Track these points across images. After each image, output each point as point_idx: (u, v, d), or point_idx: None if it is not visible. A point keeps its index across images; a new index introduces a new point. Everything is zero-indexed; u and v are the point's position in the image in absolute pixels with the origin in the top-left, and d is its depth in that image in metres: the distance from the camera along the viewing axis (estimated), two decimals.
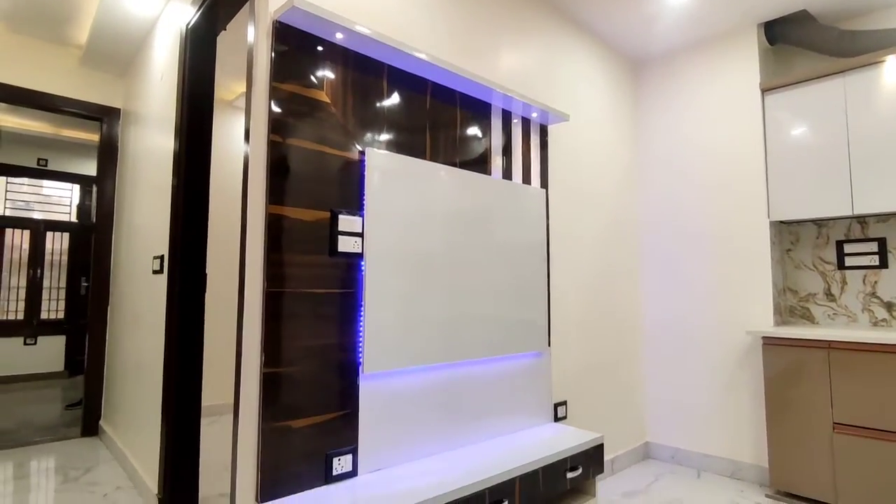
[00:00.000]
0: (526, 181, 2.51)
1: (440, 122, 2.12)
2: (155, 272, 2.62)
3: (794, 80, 2.80)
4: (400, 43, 1.83)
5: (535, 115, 2.51)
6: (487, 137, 2.32)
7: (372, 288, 1.77)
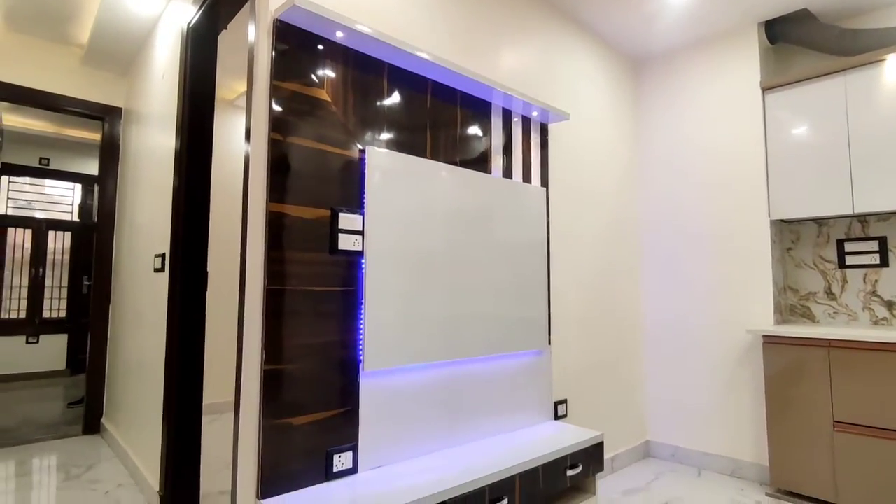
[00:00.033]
0: (526, 180, 2.51)
1: (441, 120, 2.13)
2: (156, 270, 2.63)
3: (794, 78, 2.80)
4: (400, 42, 1.84)
5: (535, 113, 2.52)
6: (488, 136, 2.33)
7: (372, 286, 1.78)
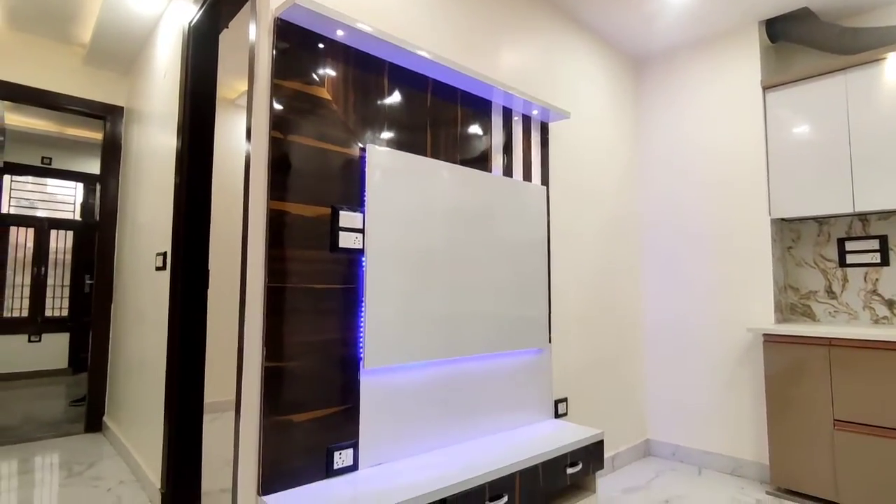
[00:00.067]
0: (527, 178, 2.52)
1: (441, 119, 2.13)
2: (158, 269, 2.63)
3: (795, 77, 2.80)
4: (401, 40, 1.84)
5: (535, 112, 2.52)
6: (488, 135, 2.33)
7: (373, 283, 1.78)
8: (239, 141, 4.19)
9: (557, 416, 2.60)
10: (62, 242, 5.96)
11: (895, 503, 2.23)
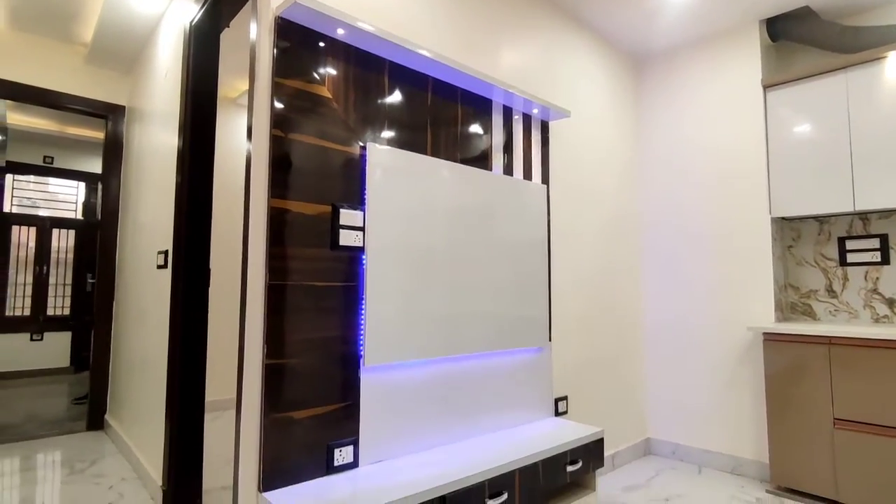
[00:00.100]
0: (527, 177, 2.52)
1: (441, 117, 2.14)
2: (159, 267, 2.64)
3: (795, 76, 2.80)
4: (401, 39, 1.85)
5: (536, 111, 2.52)
6: (488, 133, 2.34)
7: (373, 281, 1.79)
8: (240, 140, 4.20)
9: (557, 414, 2.61)
10: (64, 241, 5.98)
11: (895, 502, 2.24)
